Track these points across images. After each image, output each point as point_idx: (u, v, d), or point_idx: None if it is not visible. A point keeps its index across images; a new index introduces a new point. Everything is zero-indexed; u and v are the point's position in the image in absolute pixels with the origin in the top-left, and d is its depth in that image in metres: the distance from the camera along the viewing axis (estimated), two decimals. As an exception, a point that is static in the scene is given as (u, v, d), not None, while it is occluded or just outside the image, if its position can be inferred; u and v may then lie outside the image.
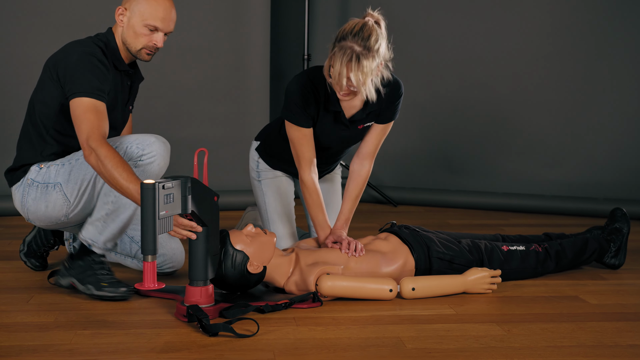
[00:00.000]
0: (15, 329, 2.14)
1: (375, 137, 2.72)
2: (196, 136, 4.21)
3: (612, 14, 4.26)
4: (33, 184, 2.45)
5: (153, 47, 2.48)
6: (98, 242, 2.43)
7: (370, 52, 2.38)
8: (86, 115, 2.29)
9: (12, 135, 3.94)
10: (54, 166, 2.44)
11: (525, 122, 4.44)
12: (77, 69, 2.35)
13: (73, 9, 3.99)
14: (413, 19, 4.39)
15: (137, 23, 2.45)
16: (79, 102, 2.31)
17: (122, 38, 2.49)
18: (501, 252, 2.70)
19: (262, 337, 2.10)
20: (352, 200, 2.76)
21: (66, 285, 2.45)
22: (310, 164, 2.67)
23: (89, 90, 2.32)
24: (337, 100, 2.58)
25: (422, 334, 2.15)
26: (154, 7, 2.44)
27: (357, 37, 2.38)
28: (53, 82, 2.42)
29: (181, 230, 2.19)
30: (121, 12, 2.48)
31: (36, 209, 2.45)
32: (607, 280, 2.78)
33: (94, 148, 2.24)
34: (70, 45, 2.45)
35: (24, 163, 2.48)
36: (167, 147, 2.42)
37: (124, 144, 2.37)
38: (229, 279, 2.35)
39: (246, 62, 4.30)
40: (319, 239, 2.72)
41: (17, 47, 3.96)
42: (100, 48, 2.45)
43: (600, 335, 2.17)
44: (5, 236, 3.38)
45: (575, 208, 4.17)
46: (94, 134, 2.26)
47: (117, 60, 2.50)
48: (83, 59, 2.37)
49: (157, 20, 2.45)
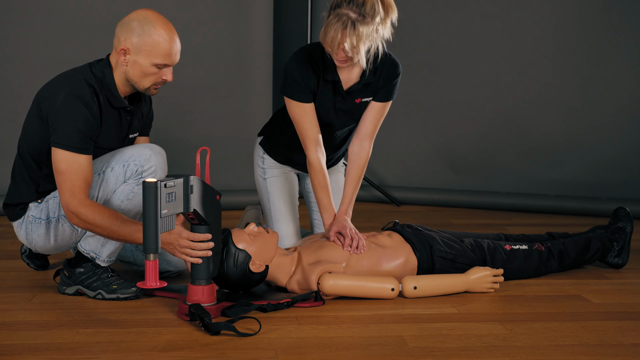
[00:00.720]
0: (18, 327, 2.14)
1: (373, 117, 2.71)
2: (199, 135, 4.21)
3: (616, 15, 4.24)
4: (35, 220, 2.43)
5: (163, 83, 2.38)
6: (101, 255, 2.42)
7: (365, 18, 2.39)
8: (66, 175, 2.24)
9: (15, 135, 3.96)
10: (52, 199, 2.42)
11: (529, 122, 4.43)
12: (61, 116, 2.25)
13: (77, 9, 3.99)
14: (417, 18, 4.38)
15: (144, 63, 2.32)
16: (61, 155, 2.24)
17: (127, 76, 2.36)
18: (504, 251, 2.69)
19: (264, 336, 2.10)
20: (354, 183, 2.74)
21: (73, 293, 2.44)
22: (315, 143, 2.65)
23: (70, 144, 2.24)
24: (335, 68, 2.58)
25: (424, 333, 2.15)
26: (161, 44, 2.31)
27: (351, 4, 2.39)
28: (41, 121, 2.33)
29: (196, 251, 2.19)
30: (123, 51, 2.32)
31: (44, 243, 2.45)
32: (610, 280, 2.77)
33: (76, 213, 2.24)
34: (60, 82, 2.33)
35: (21, 201, 2.44)
36: (163, 157, 2.41)
37: (120, 162, 2.35)
38: (231, 278, 2.35)
39: (249, 61, 4.29)
40: (324, 222, 2.71)
41: (20, 48, 3.96)
42: (92, 86, 2.32)
43: (603, 335, 2.16)
44: (7, 236, 3.38)
45: (578, 207, 4.16)
46: (73, 199, 2.23)
47: (113, 97, 2.37)
48: (68, 104, 2.25)
49: (165, 58, 2.33)
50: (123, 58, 2.33)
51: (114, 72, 2.37)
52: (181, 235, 2.20)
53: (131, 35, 2.30)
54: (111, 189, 2.36)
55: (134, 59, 2.32)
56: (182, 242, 2.20)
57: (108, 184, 2.35)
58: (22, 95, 3.97)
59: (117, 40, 2.34)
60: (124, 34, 2.32)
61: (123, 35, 2.32)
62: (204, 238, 2.20)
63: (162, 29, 2.31)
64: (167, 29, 2.33)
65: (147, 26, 2.30)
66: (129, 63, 2.33)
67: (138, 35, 2.30)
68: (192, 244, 2.19)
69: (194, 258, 2.21)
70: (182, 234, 2.20)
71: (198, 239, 2.20)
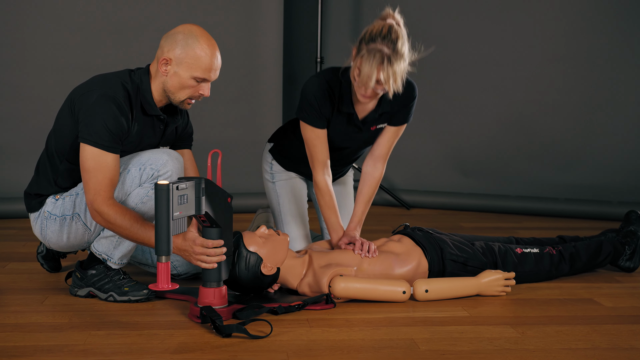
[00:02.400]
0: (30, 329, 2.15)
1: (388, 140, 2.72)
2: (210, 138, 4.22)
3: (627, 19, 4.24)
4: (50, 217, 2.45)
5: (199, 97, 2.39)
6: (113, 257, 2.44)
7: (398, 54, 2.39)
8: (92, 173, 2.26)
9: (25, 137, 3.98)
10: (69, 197, 2.43)
11: (539, 125, 4.42)
12: (92, 113, 2.27)
13: (88, 14, 4.01)
14: (426, 21, 4.39)
15: (184, 74, 2.33)
16: (89, 151, 2.27)
17: (165, 87, 2.37)
18: (515, 254, 2.69)
19: (275, 339, 2.10)
20: (365, 202, 2.76)
21: (85, 295, 2.46)
22: (323, 166, 2.68)
23: (99, 141, 2.26)
24: (351, 102, 2.59)
25: (435, 336, 2.14)
26: (203, 58, 2.32)
27: (386, 39, 2.38)
28: (71, 116, 2.36)
29: (211, 256, 2.21)
30: (165, 62, 2.33)
31: (57, 240, 2.47)
32: (622, 283, 2.76)
33: (99, 212, 2.26)
34: (96, 81, 2.36)
35: (39, 192, 2.47)
36: (180, 163, 2.42)
37: (137, 165, 2.37)
38: (243, 280, 2.35)
39: (259, 65, 4.31)
40: (332, 241, 2.72)
41: (31, 51, 3.99)
42: (127, 91, 2.34)
43: (616, 338, 2.15)
44: (20, 238, 3.40)
45: (590, 211, 4.15)
46: (98, 197, 2.26)
47: (148, 104, 2.38)
48: (101, 103, 2.28)
49: (206, 72, 2.34)
50: (164, 68, 2.34)
51: (152, 81, 2.39)
52: (195, 242, 2.21)
53: (175, 46, 2.33)
54: (126, 191, 2.37)
55: (174, 70, 2.34)
56: (196, 249, 2.21)
57: (124, 185, 2.36)
58: (32, 97, 4.00)
59: (161, 50, 2.36)
60: (168, 45, 2.34)
61: (167, 46, 2.34)
62: (217, 244, 2.22)
63: (205, 44, 2.33)
64: (210, 44, 2.35)
65: (191, 39, 2.32)
66: (169, 74, 2.35)
67: (182, 47, 2.32)
68: (207, 250, 2.21)
69: (210, 264, 2.22)
70: (196, 241, 2.21)
71: (212, 245, 2.21)
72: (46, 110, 3.95)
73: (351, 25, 4.62)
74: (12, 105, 3.98)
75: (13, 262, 2.94)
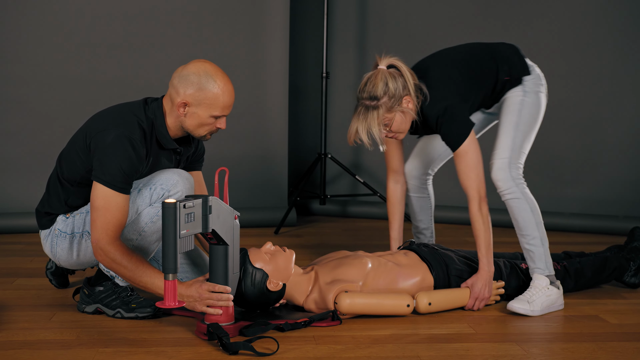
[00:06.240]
0: (38, 346, 2.17)
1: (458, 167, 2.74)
2: (216, 153, 4.23)
3: (630, 33, 4.25)
4: (61, 234, 2.47)
5: (216, 131, 2.43)
6: None
7: (376, 99, 2.51)
8: (101, 212, 2.29)
9: (34, 152, 4.01)
10: (79, 215, 2.46)
11: (543, 140, 4.42)
12: (108, 154, 2.30)
13: (96, 30, 4.05)
14: (430, 36, 4.40)
15: (203, 114, 2.36)
16: (101, 190, 2.29)
17: (182, 124, 2.41)
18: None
19: (282, 356, 2.11)
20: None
21: (93, 311, 2.48)
22: (394, 172, 2.89)
23: (112, 181, 2.29)
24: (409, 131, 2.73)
25: (441, 353, 2.15)
26: (220, 97, 2.36)
27: (363, 92, 2.54)
28: (85, 149, 2.38)
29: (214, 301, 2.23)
30: (181, 104, 2.35)
31: (67, 257, 2.49)
32: (628, 300, 2.76)
33: (104, 251, 2.29)
34: (113, 118, 2.39)
35: (51, 211, 2.50)
36: (190, 183, 2.45)
37: (147, 185, 2.40)
38: (249, 297, 2.37)
39: (265, 80, 4.33)
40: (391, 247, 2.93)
41: (40, 66, 4.02)
42: (143, 129, 2.37)
43: (621, 355, 2.16)
44: (27, 253, 3.41)
45: (595, 226, 4.15)
46: (104, 236, 2.28)
47: (164, 139, 2.42)
48: (117, 144, 2.30)
49: (224, 110, 2.39)
50: (182, 110, 2.37)
51: (166, 116, 2.42)
52: (202, 287, 2.24)
53: (190, 88, 2.34)
54: (136, 210, 2.39)
55: (193, 110, 2.37)
56: (203, 295, 2.24)
57: (134, 205, 2.39)
58: (41, 112, 4.02)
59: (176, 92, 2.37)
60: (183, 86, 2.35)
61: (182, 88, 2.35)
62: (223, 290, 2.24)
63: (221, 82, 2.36)
64: (225, 82, 2.37)
65: (205, 79, 2.34)
66: (188, 114, 2.38)
67: (197, 89, 2.34)
68: (213, 295, 2.23)
69: (216, 309, 2.24)
70: (202, 286, 2.25)
71: (218, 289, 2.24)
72: (55, 126, 4.00)
73: (357, 40, 4.64)
74: (21, 120, 4.00)
75: (21, 278, 2.96)
